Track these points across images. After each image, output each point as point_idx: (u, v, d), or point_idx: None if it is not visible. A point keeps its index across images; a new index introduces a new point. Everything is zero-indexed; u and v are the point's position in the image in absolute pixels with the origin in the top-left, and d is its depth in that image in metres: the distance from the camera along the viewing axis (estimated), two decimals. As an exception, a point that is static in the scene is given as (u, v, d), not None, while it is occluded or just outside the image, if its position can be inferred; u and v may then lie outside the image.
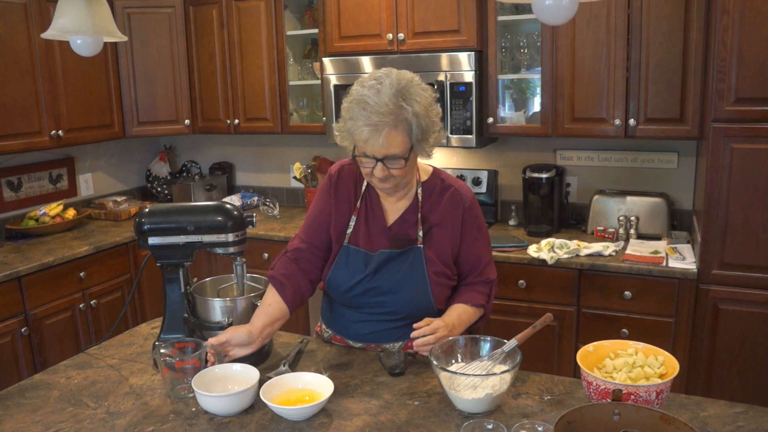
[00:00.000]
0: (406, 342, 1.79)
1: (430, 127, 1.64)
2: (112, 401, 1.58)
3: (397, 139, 1.58)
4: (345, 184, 1.81)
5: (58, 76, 3.41)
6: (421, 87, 1.63)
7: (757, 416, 1.42)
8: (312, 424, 1.45)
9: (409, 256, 1.74)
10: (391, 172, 1.63)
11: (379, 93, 1.57)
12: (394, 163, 1.62)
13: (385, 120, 1.56)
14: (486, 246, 1.84)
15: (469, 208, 1.78)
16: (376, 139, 1.57)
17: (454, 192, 1.78)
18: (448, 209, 1.77)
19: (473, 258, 1.81)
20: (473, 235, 1.79)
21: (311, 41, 3.81)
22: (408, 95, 1.58)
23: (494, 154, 3.56)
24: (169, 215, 1.75)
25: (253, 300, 1.74)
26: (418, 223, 1.75)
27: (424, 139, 1.64)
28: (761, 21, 2.34)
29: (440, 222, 1.76)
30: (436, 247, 1.76)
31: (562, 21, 1.56)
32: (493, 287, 1.85)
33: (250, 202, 4.07)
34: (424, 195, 1.78)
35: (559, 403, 1.51)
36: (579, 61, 2.94)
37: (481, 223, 1.83)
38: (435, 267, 1.75)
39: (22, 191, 3.63)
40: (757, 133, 2.42)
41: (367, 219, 1.78)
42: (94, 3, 1.99)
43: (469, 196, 1.80)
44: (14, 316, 2.91)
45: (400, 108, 1.56)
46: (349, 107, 1.61)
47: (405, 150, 1.61)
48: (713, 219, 2.53)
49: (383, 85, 1.58)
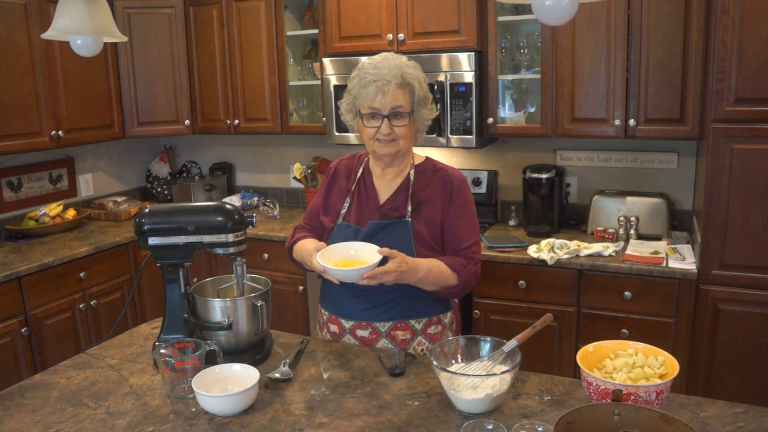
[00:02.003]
0: (396, 323, 1.87)
1: (427, 97, 1.86)
2: (112, 401, 1.58)
3: (402, 96, 1.79)
4: (341, 177, 1.99)
5: (58, 77, 3.41)
6: (420, 69, 1.87)
7: (757, 416, 1.42)
8: (312, 424, 1.45)
9: (397, 228, 1.85)
10: (396, 132, 1.80)
11: (385, 59, 1.82)
12: (399, 120, 1.80)
13: (392, 77, 1.77)
14: (471, 227, 1.90)
15: (457, 186, 1.89)
16: (385, 95, 1.77)
17: (443, 173, 1.92)
18: (437, 187, 1.89)
19: (457, 234, 1.87)
20: (458, 214, 1.88)
21: (311, 41, 3.81)
22: (408, 68, 1.83)
23: (494, 155, 3.56)
24: (169, 215, 1.75)
25: (254, 300, 1.74)
26: (408, 199, 1.88)
27: (423, 104, 1.85)
28: (761, 21, 2.34)
29: (429, 199, 1.88)
30: (423, 221, 1.86)
31: (562, 21, 1.56)
32: (474, 265, 1.87)
33: (250, 203, 4.07)
34: (416, 175, 1.91)
35: (559, 404, 1.51)
36: (579, 61, 2.94)
37: (468, 204, 1.91)
38: (421, 239, 1.84)
39: (22, 191, 3.63)
40: (757, 133, 2.42)
41: (361, 199, 1.94)
42: (94, 3, 1.99)
43: (458, 177, 1.92)
44: (14, 316, 2.91)
45: (403, 73, 1.80)
46: (358, 74, 1.82)
47: (409, 108, 1.81)
48: (713, 219, 2.53)
49: (388, 59, 1.83)
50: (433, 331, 1.91)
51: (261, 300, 1.73)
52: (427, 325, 1.90)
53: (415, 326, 1.88)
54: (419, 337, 1.88)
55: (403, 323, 1.87)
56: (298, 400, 1.56)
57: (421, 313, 1.88)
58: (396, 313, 1.86)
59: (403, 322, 1.87)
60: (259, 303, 1.73)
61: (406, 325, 1.88)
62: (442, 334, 1.92)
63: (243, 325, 1.73)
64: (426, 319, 1.89)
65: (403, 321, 1.87)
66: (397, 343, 1.87)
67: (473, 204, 1.94)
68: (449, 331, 1.95)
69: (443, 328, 1.93)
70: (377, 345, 1.89)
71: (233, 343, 1.75)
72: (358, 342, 1.90)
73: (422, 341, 1.89)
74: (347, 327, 1.91)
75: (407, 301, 1.85)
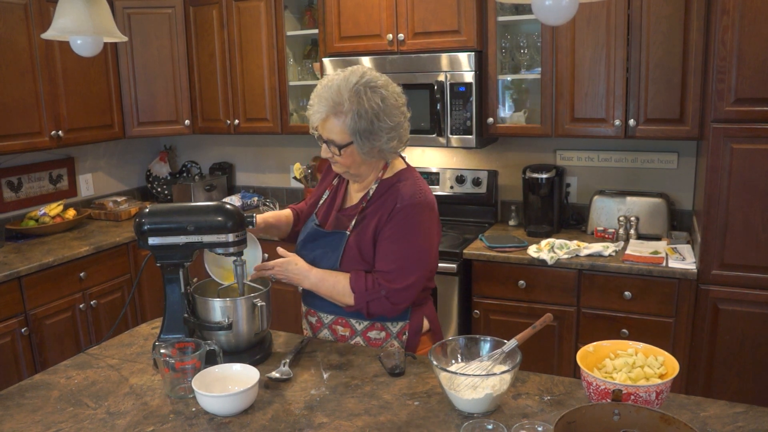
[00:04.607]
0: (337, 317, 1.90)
1: (373, 132, 1.74)
2: (112, 401, 1.58)
3: (335, 126, 1.75)
4: (333, 170, 2.00)
5: (58, 77, 3.41)
6: (381, 95, 1.73)
7: (757, 416, 1.42)
8: (312, 424, 1.45)
9: (334, 239, 1.86)
10: (335, 158, 1.81)
11: (334, 82, 1.74)
12: (334, 148, 1.78)
13: (328, 105, 1.73)
14: (396, 252, 1.77)
15: (401, 208, 1.78)
16: (318, 119, 1.76)
17: (395, 190, 1.83)
18: (383, 204, 1.83)
19: (379, 255, 1.80)
20: (388, 234, 1.78)
21: (311, 41, 3.81)
22: (360, 95, 1.71)
23: (494, 155, 3.56)
24: (169, 215, 1.75)
25: (254, 300, 1.74)
26: (356, 213, 1.87)
27: (365, 139, 1.74)
28: (761, 21, 2.34)
29: (372, 214, 1.84)
30: (359, 236, 1.83)
31: (562, 21, 1.56)
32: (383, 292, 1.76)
33: (250, 203, 4.07)
34: (376, 191, 1.87)
35: (559, 403, 1.51)
36: (579, 61, 2.94)
37: (407, 228, 1.77)
38: (351, 254, 1.83)
39: (22, 191, 3.63)
40: (757, 133, 2.42)
41: (333, 197, 1.98)
42: (94, 3, 1.99)
43: (406, 198, 1.78)
44: (14, 316, 2.91)
45: (345, 101, 1.71)
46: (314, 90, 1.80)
47: (343, 139, 1.75)
48: (713, 219, 2.53)
49: (344, 79, 1.74)
50: (374, 335, 1.88)
51: (261, 300, 1.73)
52: (368, 328, 1.88)
53: (355, 325, 1.89)
54: (358, 337, 1.89)
55: (342, 319, 1.89)
56: (298, 400, 1.56)
57: (362, 316, 1.84)
58: (335, 308, 1.88)
59: (343, 319, 1.89)
60: (259, 303, 1.73)
61: (347, 322, 1.89)
62: (385, 340, 1.88)
63: (243, 325, 1.73)
64: (367, 323, 1.87)
65: (343, 317, 1.89)
66: (337, 338, 1.92)
67: (420, 229, 1.79)
68: (395, 339, 1.88)
69: (388, 335, 1.88)
70: (320, 335, 1.94)
71: (233, 343, 1.75)
72: (309, 328, 1.98)
73: (360, 342, 1.89)
74: (304, 311, 2.00)
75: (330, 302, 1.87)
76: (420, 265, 1.80)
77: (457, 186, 3.54)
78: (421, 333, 1.91)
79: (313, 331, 1.97)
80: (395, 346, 1.88)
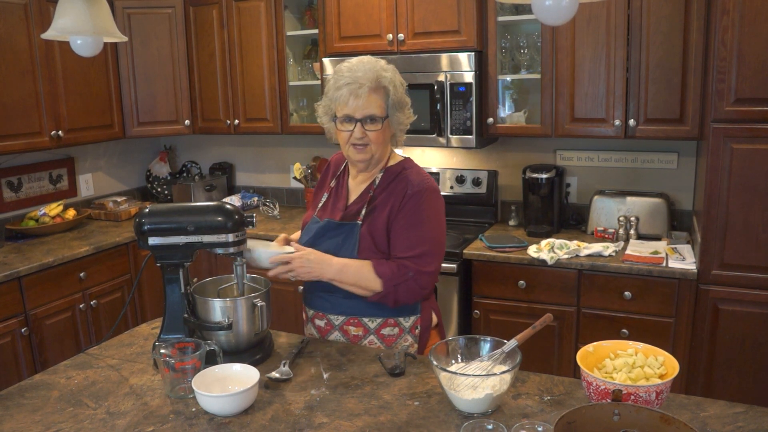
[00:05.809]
0: (348, 318, 1.89)
1: (403, 102, 1.86)
2: (112, 401, 1.58)
3: (375, 101, 1.80)
4: (330, 171, 2.06)
5: (58, 76, 3.41)
6: (395, 73, 1.88)
7: (757, 416, 1.42)
8: (312, 424, 1.45)
9: (346, 229, 1.87)
10: (369, 136, 1.81)
11: (361, 62, 1.84)
12: (372, 125, 1.80)
13: (366, 80, 1.78)
14: (417, 237, 1.81)
15: (412, 194, 1.83)
16: (358, 98, 1.78)
17: (404, 178, 1.88)
18: (393, 192, 1.86)
19: (397, 242, 1.82)
20: (405, 221, 1.82)
21: (311, 41, 3.81)
22: (384, 71, 1.83)
23: (494, 155, 3.56)
24: (169, 215, 1.75)
25: (254, 300, 1.74)
26: (366, 203, 1.88)
27: (399, 109, 1.85)
28: (761, 21, 2.34)
29: (383, 203, 1.86)
30: (372, 225, 1.84)
31: (562, 21, 1.56)
32: (409, 277, 1.79)
33: (250, 203, 4.07)
34: (382, 179, 1.90)
35: (559, 404, 1.51)
36: (579, 61, 2.94)
37: (422, 212, 1.82)
38: (366, 243, 1.83)
39: (22, 191, 3.63)
40: (757, 133, 2.42)
41: (335, 196, 1.98)
42: (94, 3, 1.99)
43: (418, 184, 1.85)
44: (14, 316, 2.91)
45: (378, 76, 1.80)
46: (334, 77, 1.84)
47: (383, 112, 1.81)
48: (713, 219, 2.53)
49: (364, 62, 1.84)
50: (388, 332, 1.89)
51: (261, 300, 1.73)
52: (381, 325, 1.88)
53: (368, 324, 1.88)
54: (372, 335, 1.89)
55: (355, 319, 1.89)
56: (298, 400, 1.56)
57: (374, 313, 1.86)
58: (345, 308, 1.88)
59: (356, 318, 1.88)
60: (259, 303, 1.73)
61: (359, 321, 1.89)
62: (398, 336, 1.89)
63: (243, 325, 1.73)
64: (380, 320, 1.88)
65: (355, 317, 1.88)
66: (350, 338, 1.91)
67: (435, 214, 1.85)
68: (409, 335, 1.90)
69: (401, 331, 1.89)
70: (330, 337, 1.93)
71: (233, 343, 1.75)
72: (316, 331, 1.96)
73: (374, 340, 1.89)
74: (310, 315, 1.98)
75: (355, 299, 1.85)
76: (441, 248, 1.88)
77: (457, 186, 3.54)
78: (431, 327, 1.94)
79: (322, 335, 1.95)
80: (409, 341, 1.89)
